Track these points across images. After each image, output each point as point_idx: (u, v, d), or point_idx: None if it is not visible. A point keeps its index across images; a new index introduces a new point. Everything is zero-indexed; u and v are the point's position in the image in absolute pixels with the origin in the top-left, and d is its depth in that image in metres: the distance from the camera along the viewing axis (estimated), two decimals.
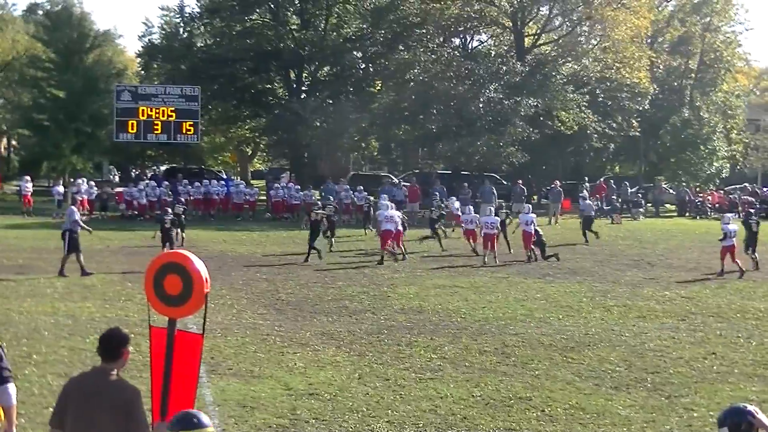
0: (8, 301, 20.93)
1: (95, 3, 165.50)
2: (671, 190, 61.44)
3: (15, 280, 24.33)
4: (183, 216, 33.97)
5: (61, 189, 46.98)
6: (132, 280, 24.31)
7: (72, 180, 53.44)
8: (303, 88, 64.09)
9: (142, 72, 72.81)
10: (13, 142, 79.57)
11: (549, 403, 13.51)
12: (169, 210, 31.80)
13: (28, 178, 48.52)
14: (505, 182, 57.16)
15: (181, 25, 68.73)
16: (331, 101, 60.79)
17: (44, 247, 29.69)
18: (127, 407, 6.81)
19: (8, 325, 17.83)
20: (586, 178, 59.09)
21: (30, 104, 61.55)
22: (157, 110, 52.81)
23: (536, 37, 63.06)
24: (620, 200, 54.98)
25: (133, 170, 66.02)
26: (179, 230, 32.37)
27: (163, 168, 73.05)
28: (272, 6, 62.85)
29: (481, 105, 54.20)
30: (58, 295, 22.07)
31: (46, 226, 38.33)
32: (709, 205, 56.57)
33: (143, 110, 52.64)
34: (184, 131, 53.40)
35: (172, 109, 52.89)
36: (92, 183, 49.10)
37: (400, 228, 31.70)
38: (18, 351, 15.57)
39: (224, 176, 65.16)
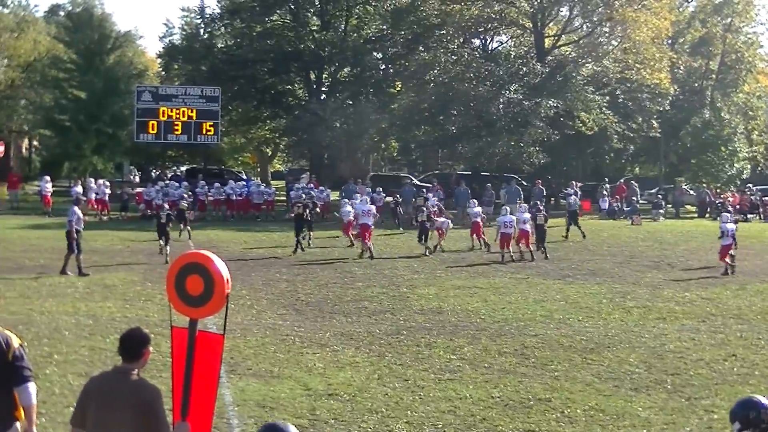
0: (30, 301, 21.03)
1: (116, 4, 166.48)
2: (692, 192, 61.18)
3: (36, 280, 24.47)
4: (187, 212, 36.25)
5: (79, 189, 47.16)
6: (152, 281, 24.42)
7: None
8: (323, 89, 64.22)
9: (163, 73, 73.14)
10: (35, 143, 79.95)
11: (568, 405, 13.49)
12: (166, 206, 33.76)
13: (48, 178, 48.75)
14: (525, 183, 57.07)
15: (202, 26, 68.99)
16: (351, 102, 60.88)
17: (65, 248, 29.72)
18: (147, 407, 6.83)
19: (29, 325, 17.92)
20: (606, 179, 59.03)
21: (51, 105, 61.81)
22: (178, 111, 53.06)
23: (556, 38, 62.88)
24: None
25: (153, 171, 66.31)
26: (185, 225, 35.27)
27: (183, 168, 73.32)
28: (292, 7, 63.01)
29: (501, 106, 54.19)
30: (78, 295, 22.17)
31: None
32: (730, 207, 56.27)
33: (164, 111, 52.91)
34: (204, 132, 53.62)
35: (193, 109, 53.12)
36: (107, 183, 49.30)
37: (370, 223, 32.85)
38: (39, 350, 15.65)
39: (244, 177, 65.30)
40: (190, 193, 47.72)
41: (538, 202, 38.46)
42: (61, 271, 25.66)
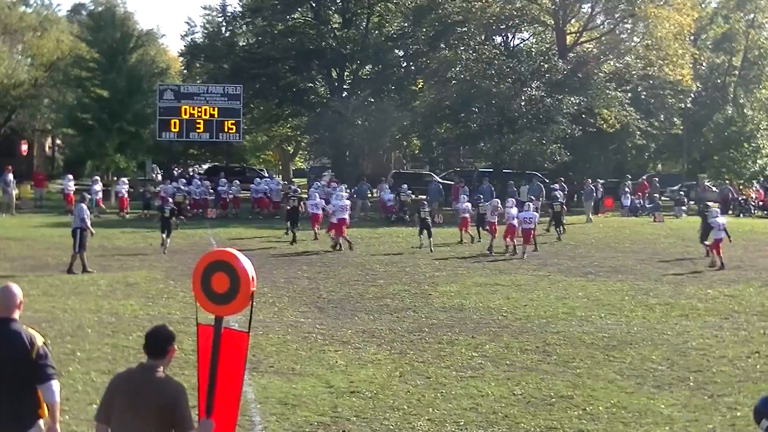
0: (53, 299, 21.12)
1: (138, 3, 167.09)
2: (714, 188, 60.96)
3: (59, 278, 24.59)
4: (184, 205, 39.70)
5: (98, 188, 47.27)
6: (174, 278, 24.45)
7: (115, 179, 53.93)
8: (344, 86, 64.36)
9: (185, 71, 73.44)
10: (58, 142, 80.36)
11: (590, 402, 13.45)
12: (170, 200, 36.32)
13: (71, 177, 48.92)
14: (547, 180, 56.96)
15: (224, 24, 69.23)
16: (372, 100, 60.94)
17: (88, 246, 29.89)
18: (172, 404, 6.87)
19: (53, 323, 18.00)
20: (629, 176, 58.86)
21: (74, 104, 62.06)
22: (200, 109, 53.34)
23: (578, 34, 62.71)
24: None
25: (175, 169, 66.71)
26: (180, 217, 36.85)
27: (204, 167, 73.54)
28: (314, 5, 63.14)
29: (522, 103, 54.09)
30: (101, 293, 22.25)
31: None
32: (753, 203, 56.08)
33: (186, 109, 53.18)
34: (226, 130, 53.90)
35: (215, 107, 53.35)
36: (125, 180, 49.58)
37: (347, 217, 34.08)
38: (62, 348, 15.72)
39: (267, 174, 65.45)
40: (212, 191, 47.86)
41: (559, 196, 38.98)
42: (83, 270, 25.79)
